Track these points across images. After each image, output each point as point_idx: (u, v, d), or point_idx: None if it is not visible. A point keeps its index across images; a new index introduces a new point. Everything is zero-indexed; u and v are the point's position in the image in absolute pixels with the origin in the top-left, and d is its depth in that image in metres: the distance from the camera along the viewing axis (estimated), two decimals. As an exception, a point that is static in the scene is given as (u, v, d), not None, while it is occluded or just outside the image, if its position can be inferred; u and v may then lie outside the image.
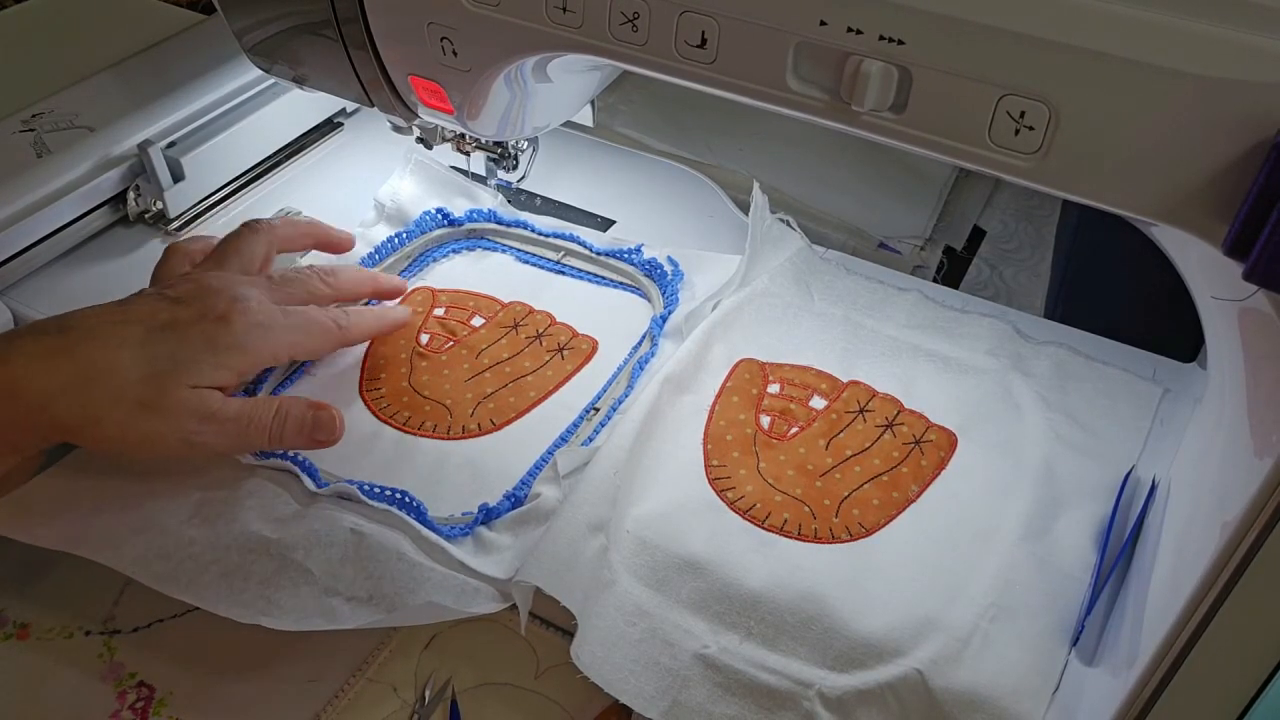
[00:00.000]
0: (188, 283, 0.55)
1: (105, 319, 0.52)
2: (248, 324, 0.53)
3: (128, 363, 0.50)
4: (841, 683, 0.46)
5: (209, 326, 0.52)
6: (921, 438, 0.57)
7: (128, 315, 0.52)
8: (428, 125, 0.67)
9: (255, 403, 0.53)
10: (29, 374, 0.49)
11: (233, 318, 0.53)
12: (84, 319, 0.52)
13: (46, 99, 0.73)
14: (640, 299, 0.67)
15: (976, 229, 0.80)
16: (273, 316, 0.55)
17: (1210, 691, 0.39)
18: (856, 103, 0.41)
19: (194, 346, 0.52)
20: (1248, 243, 0.34)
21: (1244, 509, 0.36)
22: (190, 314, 0.53)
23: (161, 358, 0.51)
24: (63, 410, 0.50)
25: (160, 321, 0.52)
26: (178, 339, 0.52)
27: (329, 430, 0.54)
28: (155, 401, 0.50)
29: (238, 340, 0.53)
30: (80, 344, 0.51)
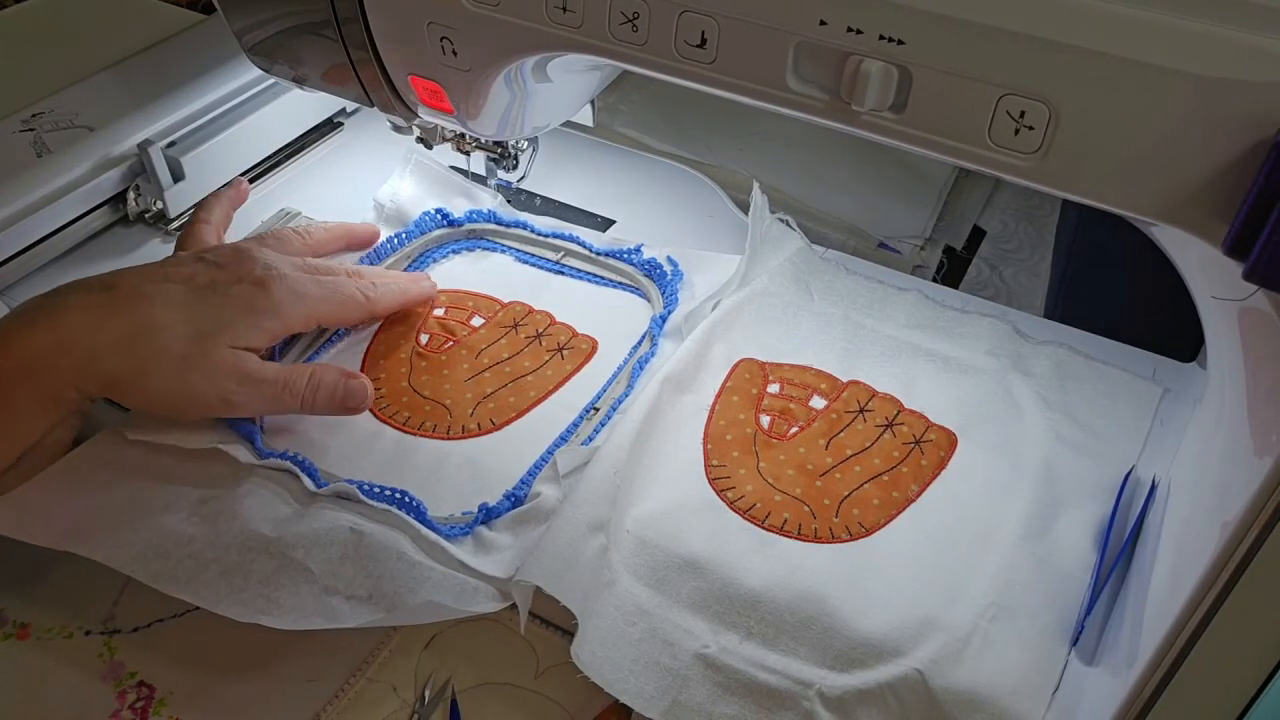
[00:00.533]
0: (224, 249, 0.58)
1: (148, 278, 0.54)
2: (283, 289, 0.56)
3: (173, 320, 0.53)
4: (841, 682, 0.46)
5: (247, 289, 0.55)
6: (921, 437, 0.57)
7: (169, 275, 0.55)
8: (428, 125, 0.67)
9: (290, 368, 0.55)
10: (79, 328, 0.52)
11: (269, 283, 0.56)
12: (128, 278, 0.55)
13: (46, 99, 0.73)
14: (640, 299, 0.67)
15: (976, 229, 0.80)
16: (305, 285, 0.57)
17: (1210, 691, 0.39)
18: (856, 102, 0.41)
19: (234, 308, 0.54)
20: (1248, 242, 0.34)
21: (1244, 509, 0.36)
22: (228, 277, 0.55)
23: (204, 317, 0.53)
24: (112, 364, 0.52)
25: (201, 283, 0.55)
26: (219, 300, 0.54)
27: (360, 398, 0.56)
28: (198, 359, 0.52)
29: (274, 304, 0.55)
30: (127, 302, 0.53)
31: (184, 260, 0.57)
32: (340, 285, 0.59)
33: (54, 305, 0.53)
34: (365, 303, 0.60)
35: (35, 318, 0.52)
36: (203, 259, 0.57)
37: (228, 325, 0.54)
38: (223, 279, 0.55)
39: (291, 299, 0.56)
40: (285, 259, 0.59)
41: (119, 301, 0.53)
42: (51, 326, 0.52)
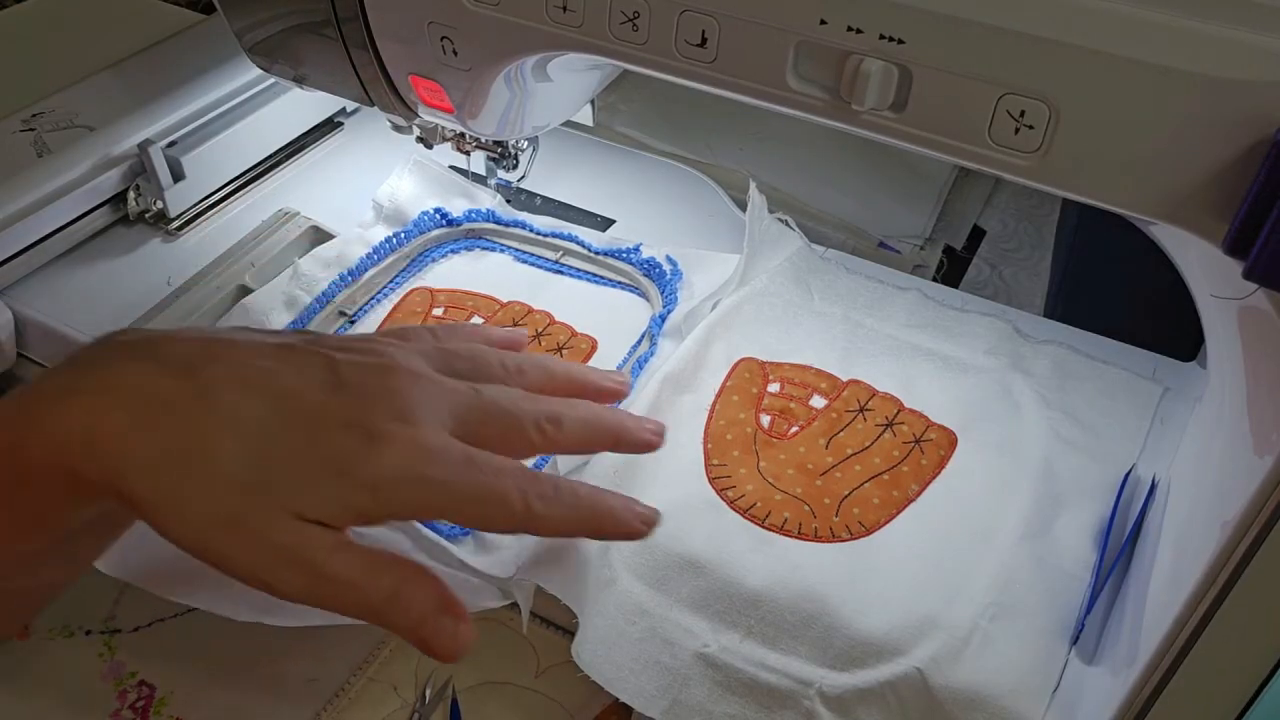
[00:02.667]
0: (372, 358, 0.41)
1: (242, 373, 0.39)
2: (400, 466, 0.38)
3: (232, 454, 0.37)
4: (842, 681, 0.46)
5: (350, 445, 0.38)
6: (921, 437, 0.57)
7: (269, 378, 0.39)
8: (428, 125, 0.67)
9: (367, 568, 0.38)
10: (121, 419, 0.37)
11: (385, 448, 0.38)
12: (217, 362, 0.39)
13: (46, 98, 0.73)
14: (639, 298, 0.67)
15: (976, 228, 0.80)
16: (442, 464, 0.39)
17: (1210, 690, 0.39)
18: (856, 102, 0.41)
19: (320, 463, 0.38)
20: (1248, 241, 0.34)
21: (1244, 508, 0.36)
22: (341, 409, 0.39)
23: (275, 463, 0.38)
24: (138, 485, 0.37)
25: (299, 405, 0.39)
26: (304, 447, 0.38)
27: (446, 645, 0.39)
28: (247, 521, 0.37)
29: (377, 479, 0.38)
30: (193, 403, 0.38)
31: (313, 354, 0.41)
32: (502, 480, 0.39)
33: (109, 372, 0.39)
34: (518, 512, 0.39)
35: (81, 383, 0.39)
36: (334, 364, 0.40)
37: (299, 487, 0.37)
38: (333, 411, 0.39)
39: (407, 481, 0.38)
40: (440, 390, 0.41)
41: (184, 399, 0.38)
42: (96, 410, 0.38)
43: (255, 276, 0.67)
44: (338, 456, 0.38)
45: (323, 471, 0.38)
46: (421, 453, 0.38)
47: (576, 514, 0.41)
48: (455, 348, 0.44)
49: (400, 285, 0.68)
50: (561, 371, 0.46)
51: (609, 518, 0.41)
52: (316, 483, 0.38)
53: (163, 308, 0.65)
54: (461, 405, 0.41)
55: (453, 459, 0.39)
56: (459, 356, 0.43)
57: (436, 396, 0.40)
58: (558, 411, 0.43)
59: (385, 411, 0.39)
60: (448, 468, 0.38)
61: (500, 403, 0.42)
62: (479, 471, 0.39)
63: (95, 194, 0.69)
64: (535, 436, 0.42)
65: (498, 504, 0.39)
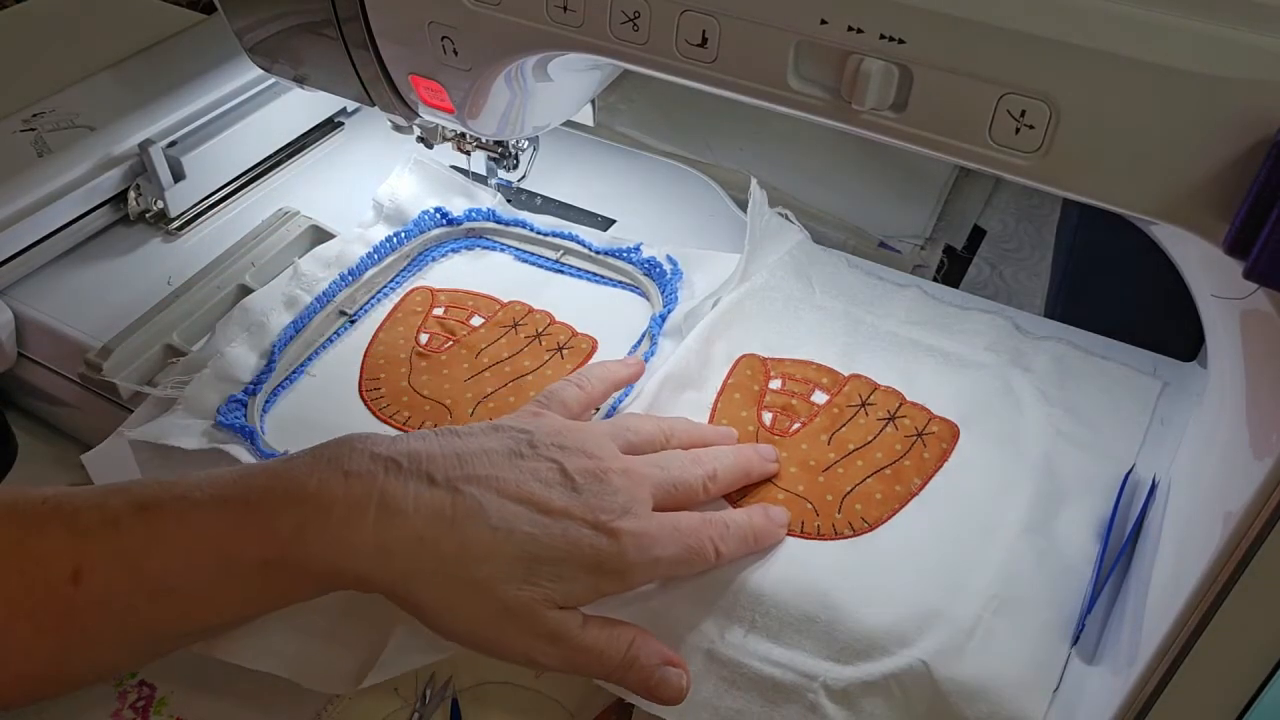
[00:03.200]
0: (585, 460, 0.48)
1: (499, 486, 0.46)
2: (639, 550, 0.46)
3: (507, 557, 0.44)
4: (846, 674, 0.46)
5: (599, 541, 0.46)
6: (924, 430, 0.57)
7: (521, 488, 0.46)
8: (428, 124, 0.67)
9: (609, 638, 0.46)
10: (412, 541, 0.44)
11: (624, 538, 0.46)
12: (475, 477, 0.45)
13: (47, 98, 0.73)
14: (639, 298, 0.67)
15: (976, 228, 0.80)
16: (662, 542, 0.47)
17: (1210, 690, 0.39)
18: (857, 102, 0.41)
19: (576, 564, 0.45)
20: (1248, 241, 0.34)
21: (1244, 508, 0.36)
22: (583, 511, 0.46)
23: (543, 564, 0.45)
24: (425, 592, 0.44)
25: (552, 509, 0.46)
26: (566, 548, 0.45)
27: (672, 693, 0.47)
28: (519, 613, 0.44)
29: (624, 567, 0.46)
30: (467, 516, 0.44)
31: (542, 459, 0.47)
32: (699, 540, 0.48)
33: (387, 490, 0.44)
34: (713, 560, 0.49)
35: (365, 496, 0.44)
36: (562, 467, 0.47)
37: (563, 583, 0.45)
38: (577, 511, 0.46)
39: (644, 563, 0.46)
40: (645, 487, 0.48)
41: (460, 514, 0.44)
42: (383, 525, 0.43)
43: (255, 276, 0.67)
44: (587, 555, 0.45)
45: (581, 566, 0.45)
46: (648, 539, 0.47)
47: (744, 543, 0.50)
48: (626, 423, 0.53)
49: (401, 285, 0.68)
50: (695, 432, 0.56)
51: (764, 535, 0.51)
52: (578, 575, 0.45)
53: (163, 307, 0.65)
54: (657, 485, 0.49)
55: (667, 535, 0.47)
56: (630, 429, 0.52)
57: (641, 484, 0.49)
58: (714, 469, 0.52)
59: (615, 509, 0.47)
60: (667, 545, 0.47)
61: (678, 475, 0.51)
62: (685, 536, 0.48)
63: (96, 194, 0.69)
64: (703, 494, 0.51)
65: (700, 558, 0.48)
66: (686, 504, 0.51)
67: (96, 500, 0.43)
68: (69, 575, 0.42)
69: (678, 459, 0.52)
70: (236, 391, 0.59)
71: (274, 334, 0.62)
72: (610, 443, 0.50)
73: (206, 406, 0.58)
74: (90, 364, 0.61)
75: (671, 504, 0.50)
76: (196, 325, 0.64)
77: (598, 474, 0.47)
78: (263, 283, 0.66)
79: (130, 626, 0.43)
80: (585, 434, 0.50)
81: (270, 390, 0.60)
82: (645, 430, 0.53)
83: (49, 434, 0.67)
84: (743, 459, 0.54)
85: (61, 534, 0.42)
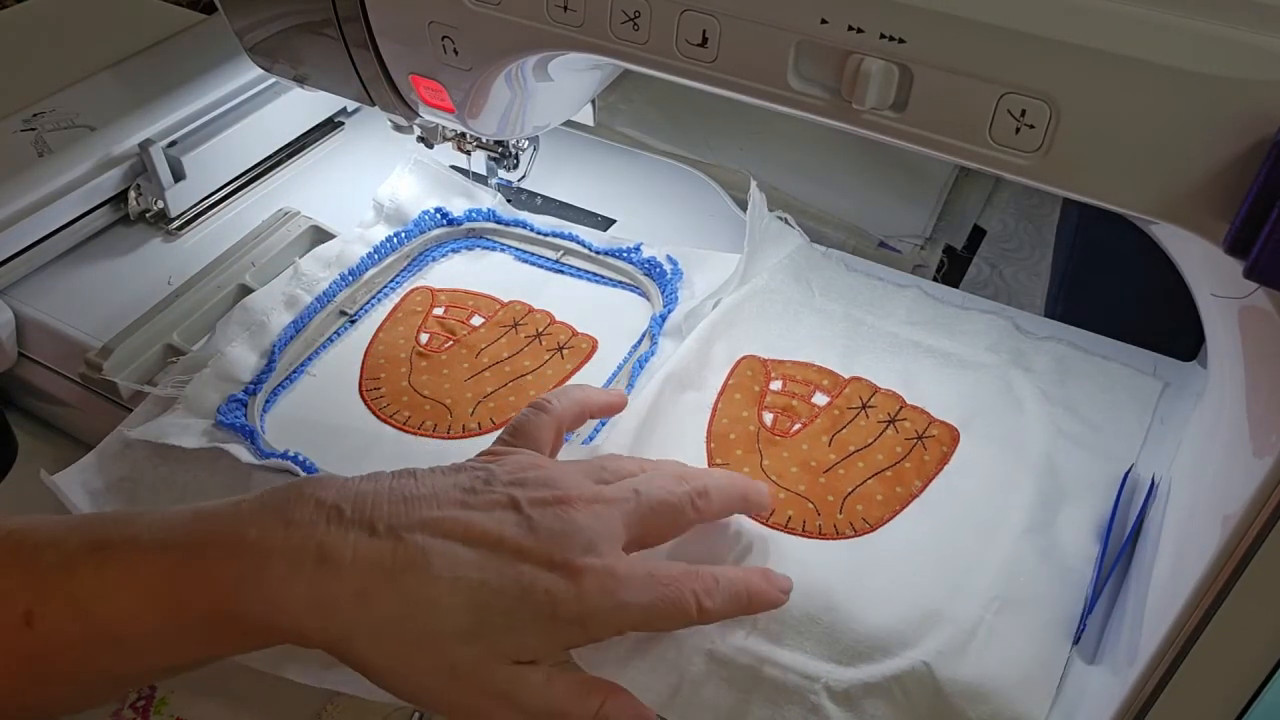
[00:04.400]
0: (544, 490, 0.44)
1: (444, 528, 0.42)
2: (602, 593, 0.42)
3: (453, 609, 0.41)
4: (848, 676, 0.46)
5: (555, 584, 0.41)
6: (924, 433, 0.57)
7: (470, 528, 0.42)
8: (428, 124, 0.67)
9: (574, 696, 0.42)
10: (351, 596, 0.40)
11: (585, 578, 0.41)
12: (419, 522, 0.42)
13: (47, 98, 0.73)
14: (640, 298, 0.67)
15: (977, 228, 0.80)
16: (632, 586, 0.42)
17: (1210, 689, 0.39)
18: (857, 101, 0.41)
19: (531, 614, 0.41)
20: (1248, 240, 0.34)
21: (1243, 507, 0.36)
22: (539, 549, 0.42)
23: (493, 613, 0.41)
24: (367, 650, 0.41)
25: (503, 548, 0.42)
26: (517, 594, 0.41)
27: None
28: (468, 671, 0.41)
29: (584, 614, 0.41)
30: (409, 567, 0.41)
31: (496, 497, 0.43)
32: (675, 587, 0.43)
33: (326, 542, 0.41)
34: (694, 616, 0.44)
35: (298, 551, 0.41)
36: (518, 505, 0.43)
37: (514, 634, 0.41)
38: (532, 552, 0.41)
39: (608, 610, 0.42)
40: (615, 527, 0.44)
41: (400, 565, 0.41)
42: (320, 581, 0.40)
43: (256, 276, 0.67)
44: (542, 603, 0.41)
45: (534, 614, 0.41)
46: (614, 582, 0.42)
47: (734, 601, 0.45)
48: (601, 462, 0.48)
49: (401, 285, 0.68)
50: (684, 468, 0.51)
51: (759, 597, 0.46)
52: (529, 627, 0.41)
53: (163, 307, 0.65)
54: (629, 512, 0.45)
55: (638, 579, 0.43)
56: (605, 469, 0.47)
57: (610, 516, 0.44)
58: (704, 485, 0.47)
59: (575, 546, 0.42)
60: (636, 590, 0.42)
61: (658, 496, 0.46)
62: (661, 585, 0.43)
63: (96, 193, 0.69)
64: (692, 514, 0.47)
65: (679, 611, 0.43)
66: (672, 528, 0.47)
67: (57, 538, 0.42)
68: (22, 617, 0.40)
69: (657, 477, 0.47)
70: (237, 391, 0.59)
71: (274, 334, 0.62)
72: (578, 475, 0.46)
73: (207, 406, 0.58)
74: (90, 364, 0.61)
75: (654, 531, 0.46)
76: (197, 325, 0.64)
77: (557, 506, 0.43)
78: (263, 282, 0.66)
79: (83, 670, 0.42)
80: (550, 467, 0.46)
81: (270, 390, 0.60)
82: (625, 469, 0.48)
83: (49, 434, 0.67)
84: (739, 481, 0.50)
85: (18, 573, 0.41)
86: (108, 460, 0.56)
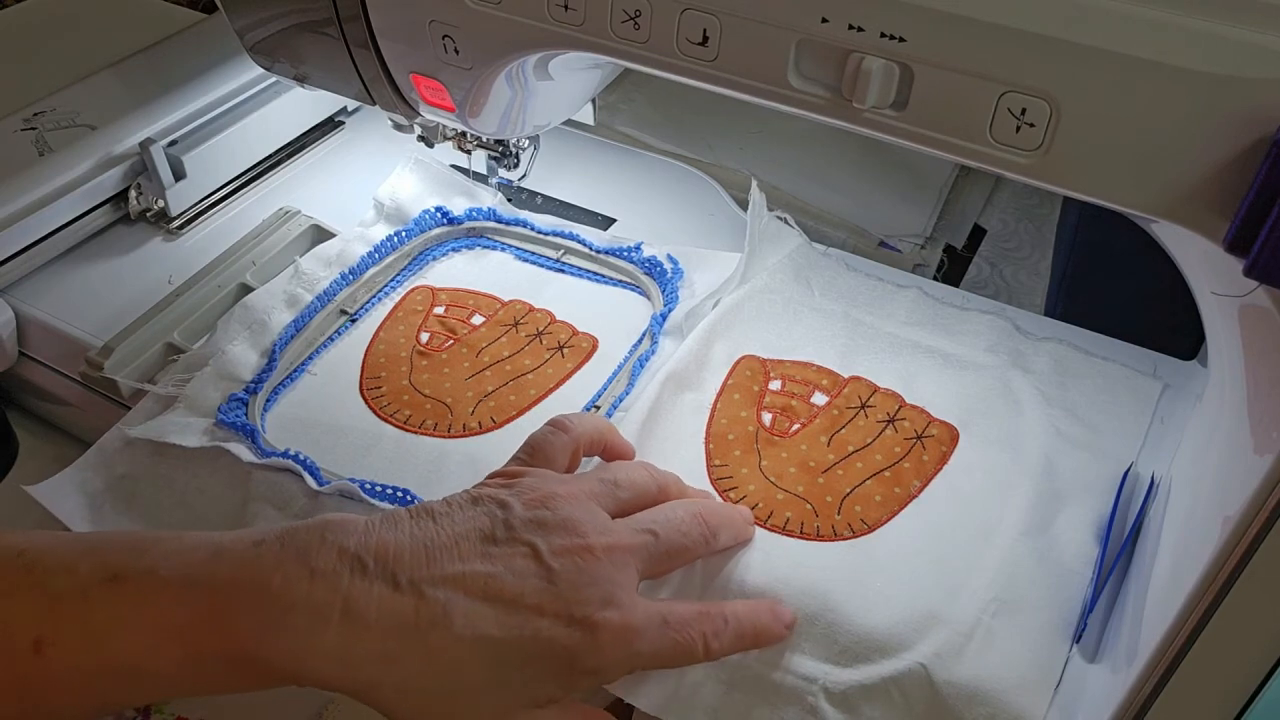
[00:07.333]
0: (565, 538, 0.44)
1: (466, 585, 0.42)
2: (616, 649, 0.43)
3: (475, 665, 0.42)
4: (846, 678, 0.46)
5: (573, 638, 0.42)
6: (923, 433, 0.57)
7: (490, 585, 0.43)
8: (429, 123, 0.67)
9: None
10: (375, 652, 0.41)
11: (602, 633, 0.43)
12: (441, 578, 0.42)
13: (48, 97, 0.73)
14: (640, 297, 0.67)
15: (977, 227, 0.80)
16: (647, 637, 0.44)
17: (1210, 688, 0.39)
18: (858, 100, 0.41)
19: (550, 664, 0.42)
20: (1248, 238, 0.34)
21: (1244, 506, 0.36)
22: (558, 606, 0.43)
23: (510, 665, 0.42)
24: (386, 702, 0.42)
25: (523, 605, 0.42)
26: (537, 651, 0.42)
27: None
28: (489, 716, 0.42)
29: (600, 666, 0.43)
30: (434, 631, 0.41)
31: (516, 549, 0.44)
32: (685, 632, 0.45)
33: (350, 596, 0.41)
34: (700, 657, 0.46)
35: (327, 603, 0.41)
36: (538, 554, 0.44)
37: (535, 685, 0.42)
38: (551, 609, 0.42)
39: (622, 659, 0.43)
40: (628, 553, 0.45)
41: (424, 623, 0.41)
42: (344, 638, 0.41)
43: (256, 275, 0.67)
44: (564, 655, 0.42)
45: (553, 668, 0.42)
46: (630, 633, 0.43)
47: (739, 640, 0.47)
48: (614, 477, 0.49)
49: (401, 284, 0.68)
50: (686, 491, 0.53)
51: (763, 634, 0.47)
52: (548, 677, 0.42)
53: (164, 306, 0.65)
54: (647, 556, 0.47)
55: (654, 630, 0.44)
56: (620, 486, 0.49)
57: (626, 560, 0.45)
58: (715, 526, 0.49)
59: (594, 600, 0.43)
60: (651, 640, 0.44)
61: (674, 540, 0.48)
62: (673, 631, 0.45)
63: (96, 193, 0.69)
64: (702, 551, 0.49)
65: (687, 655, 0.45)
66: (682, 564, 0.49)
67: (69, 562, 0.41)
68: (31, 644, 0.40)
69: (675, 516, 0.48)
70: (237, 390, 0.59)
71: (275, 332, 0.62)
72: (596, 509, 0.47)
73: (207, 405, 0.58)
74: (91, 362, 0.61)
75: (665, 568, 0.48)
76: (197, 324, 0.64)
77: (578, 557, 0.44)
78: (264, 281, 0.66)
79: (89, 700, 0.41)
80: (569, 503, 0.46)
81: (271, 389, 0.60)
82: (637, 483, 0.50)
83: (50, 433, 0.67)
84: (738, 516, 0.51)
85: (30, 599, 0.40)
86: (107, 458, 0.56)
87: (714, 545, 0.49)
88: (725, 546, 0.50)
